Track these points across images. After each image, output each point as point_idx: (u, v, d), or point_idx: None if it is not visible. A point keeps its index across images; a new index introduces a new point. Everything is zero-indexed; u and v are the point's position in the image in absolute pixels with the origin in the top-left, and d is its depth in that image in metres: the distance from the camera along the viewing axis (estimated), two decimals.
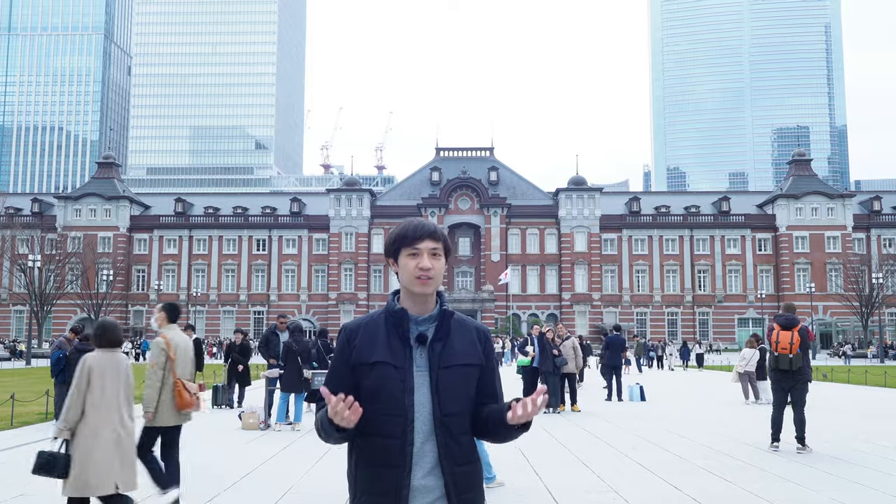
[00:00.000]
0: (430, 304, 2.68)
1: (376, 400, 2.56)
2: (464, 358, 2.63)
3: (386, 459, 2.54)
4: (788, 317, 10.74)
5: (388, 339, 2.62)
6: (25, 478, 8.79)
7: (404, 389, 2.55)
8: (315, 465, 9.73)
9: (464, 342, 2.66)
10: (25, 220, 76.10)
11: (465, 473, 2.59)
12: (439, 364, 2.59)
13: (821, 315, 75.58)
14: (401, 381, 2.56)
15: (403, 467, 2.52)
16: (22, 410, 15.38)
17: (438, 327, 2.64)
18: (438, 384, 2.58)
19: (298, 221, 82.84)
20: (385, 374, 2.57)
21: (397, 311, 2.65)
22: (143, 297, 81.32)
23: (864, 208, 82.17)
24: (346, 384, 2.63)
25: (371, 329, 2.66)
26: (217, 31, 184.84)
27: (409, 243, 2.65)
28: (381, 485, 2.54)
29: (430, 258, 2.64)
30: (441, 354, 2.61)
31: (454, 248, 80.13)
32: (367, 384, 2.60)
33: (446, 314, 2.67)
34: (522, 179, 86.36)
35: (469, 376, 2.64)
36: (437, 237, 2.67)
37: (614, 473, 9.02)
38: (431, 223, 2.71)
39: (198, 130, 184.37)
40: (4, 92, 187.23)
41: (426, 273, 2.62)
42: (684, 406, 18.77)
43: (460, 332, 2.68)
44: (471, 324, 2.73)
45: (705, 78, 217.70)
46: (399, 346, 2.61)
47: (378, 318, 2.68)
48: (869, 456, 10.41)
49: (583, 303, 79.29)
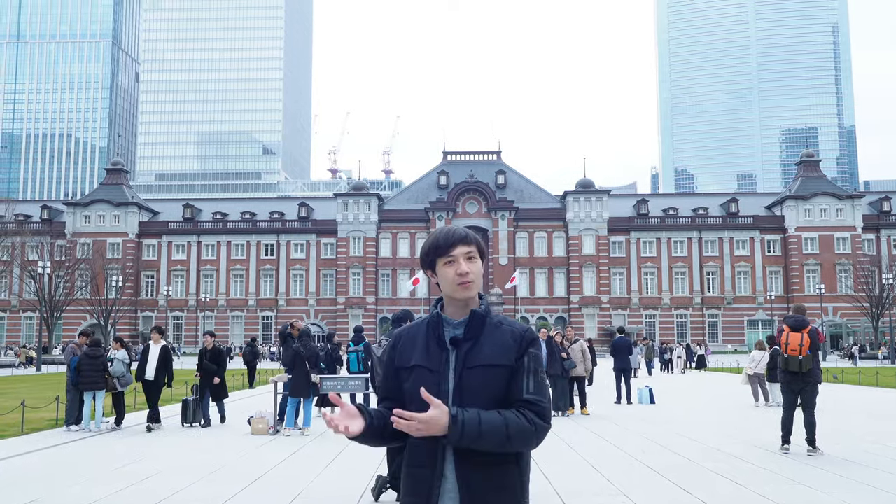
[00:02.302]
0: (470, 308, 2.72)
1: (414, 402, 2.58)
2: (490, 359, 2.61)
3: (420, 460, 2.59)
4: (798, 318, 10.69)
5: (426, 343, 2.68)
6: (39, 483, 8.84)
7: (439, 392, 2.57)
8: (324, 469, 9.74)
9: (494, 344, 2.64)
10: (35, 227, 76.45)
11: (484, 474, 2.56)
12: (464, 364, 2.61)
13: (831, 316, 75.23)
14: (435, 385, 2.59)
15: (434, 468, 2.56)
16: (32, 417, 15.44)
17: (468, 328, 2.67)
18: (461, 384, 2.60)
19: (306, 226, 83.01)
20: (421, 378, 2.62)
21: (434, 317, 2.72)
22: (153, 303, 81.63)
23: (873, 209, 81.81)
24: (394, 388, 2.71)
25: (413, 334, 2.73)
26: (224, 37, 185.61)
27: (444, 252, 2.69)
28: (416, 485, 2.59)
29: (467, 262, 2.68)
30: (467, 355, 2.63)
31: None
32: (407, 387, 2.66)
33: (476, 315, 2.68)
34: (530, 182, 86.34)
35: (495, 378, 2.61)
36: (469, 241, 2.71)
37: (624, 477, 9.00)
38: (461, 229, 2.74)
39: (205, 136, 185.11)
40: (14, 100, 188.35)
41: (465, 277, 2.66)
42: (693, 408, 18.71)
43: (494, 333, 2.67)
44: (509, 326, 2.71)
45: (712, 79, 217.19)
46: (436, 349, 2.65)
47: (421, 325, 2.75)
48: (880, 458, 10.35)
49: (591, 305, 79.15)
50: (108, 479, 9.09)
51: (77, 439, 12.91)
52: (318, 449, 11.66)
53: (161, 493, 8.23)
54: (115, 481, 8.93)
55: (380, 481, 7.87)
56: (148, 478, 9.17)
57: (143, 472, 9.52)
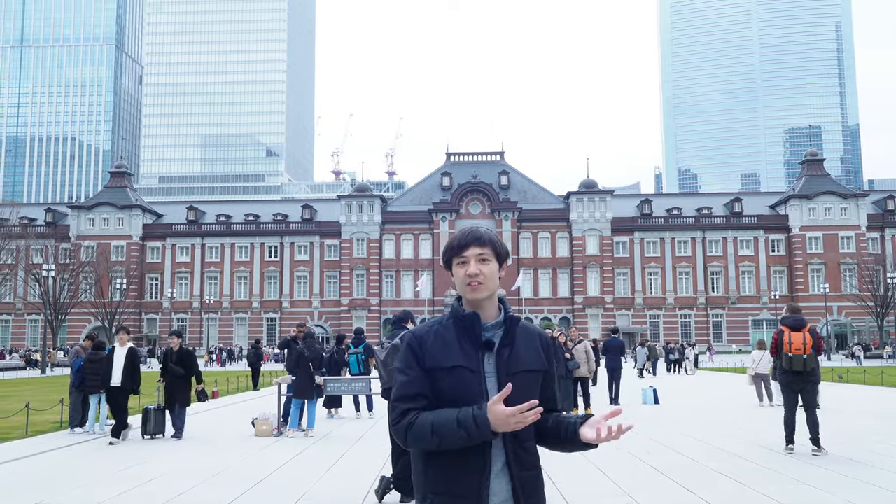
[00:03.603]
0: (493, 311, 2.72)
1: (455, 404, 2.58)
2: (529, 364, 2.66)
3: (465, 462, 2.56)
4: (797, 318, 10.71)
5: (460, 343, 2.65)
6: (42, 486, 8.85)
7: (482, 393, 2.58)
8: (328, 471, 9.74)
9: (528, 348, 2.69)
10: (39, 230, 76.56)
11: (531, 478, 2.63)
12: (507, 370, 2.62)
13: (835, 316, 75.10)
14: (478, 385, 2.59)
15: (484, 469, 2.56)
16: (37, 419, 15.48)
17: (506, 333, 2.68)
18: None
19: (310, 228, 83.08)
20: (463, 378, 2.60)
21: (469, 316, 2.67)
22: (157, 306, 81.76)
23: (877, 208, 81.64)
24: (426, 389, 2.63)
25: (442, 334, 2.68)
26: (227, 40, 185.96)
27: (457, 252, 2.71)
28: (461, 487, 2.56)
29: (478, 264, 2.68)
30: (508, 360, 2.63)
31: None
32: (445, 389, 2.61)
33: (513, 320, 2.70)
34: (533, 183, 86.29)
35: (533, 382, 2.68)
36: (482, 242, 2.70)
37: (629, 478, 8.98)
38: (480, 230, 2.74)
39: (209, 139, 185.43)
40: (18, 103, 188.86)
41: (474, 279, 2.66)
42: (698, 408, 18.67)
43: (525, 338, 2.71)
44: (534, 330, 2.78)
45: (715, 79, 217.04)
46: (472, 350, 2.64)
47: (447, 324, 2.71)
48: (885, 458, 10.31)
49: (595, 306, 79.06)
50: (112, 482, 9.09)
51: (80, 441, 12.93)
52: (322, 450, 11.66)
53: (164, 495, 8.23)
54: (118, 484, 8.93)
55: (383, 482, 7.86)
56: (151, 480, 9.17)
57: (146, 475, 9.52)
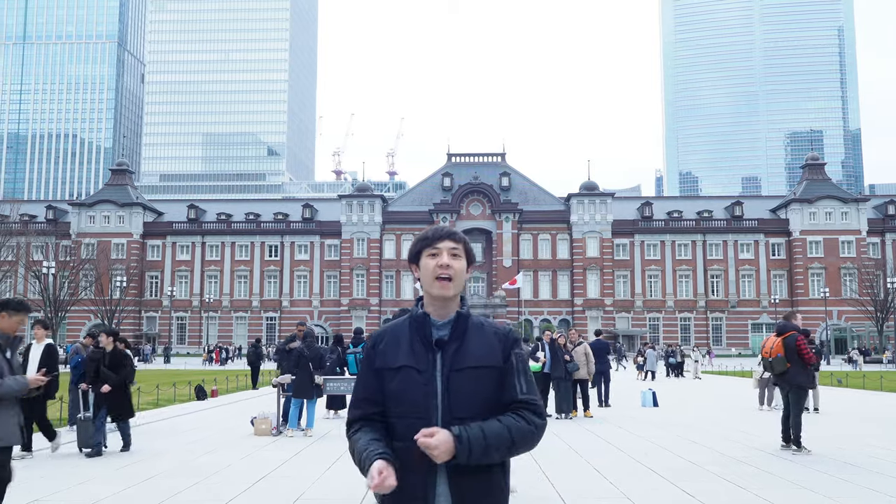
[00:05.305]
0: (452, 309, 2.68)
1: (400, 404, 2.55)
2: (478, 360, 2.58)
3: (411, 464, 2.51)
4: (782, 324, 11.65)
5: (411, 343, 2.62)
6: (39, 483, 8.85)
7: (427, 393, 2.54)
8: (327, 471, 9.74)
9: (480, 344, 2.61)
10: (40, 227, 76.58)
11: (475, 481, 2.52)
12: (451, 366, 2.57)
13: (835, 320, 75.05)
14: (423, 385, 2.55)
15: (429, 472, 2.51)
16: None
17: (453, 329, 2.63)
18: (449, 387, 2.55)
19: (310, 227, 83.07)
20: (408, 379, 2.56)
21: (420, 316, 2.66)
22: (157, 304, 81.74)
23: (878, 212, 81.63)
24: (373, 389, 2.63)
25: (395, 334, 2.67)
26: (229, 39, 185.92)
27: (430, 244, 2.69)
28: (409, 490, 2.51)
29: (450, 258, 2.66)
30: (454, 357, 2.58)
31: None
32: (391, 388, 2.59)
33: (461, 316, 2.66)
34: (534, 185, 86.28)
35: (482, 379, 2.57)
36: (456, 238, 2.71)
37: (627, 480, 8.98)
38: (453, 229, 2.74)
39: (210, 137, 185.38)
40: (19, 100, 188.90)
41: (445, 271, 2.63)
42: (697, 412, 18.65)
43: (477, 334, 2.64)
44: (491, 326, 2.69)
45: (717, 82, 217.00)
46: (422, 350, 2.60)
47: (403, 324, 2.69)
48: (884, 462, 10.32)
49: (595, 308, 79.00)
50: (110, 479, 9.09)
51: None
52: (321, 450, 11.66)
53: (162, 493, 8.23)
54: (117, 481, 8.93)
55: None
56: (150, 478, 9.17)
57: (144, 473, 9.52)
